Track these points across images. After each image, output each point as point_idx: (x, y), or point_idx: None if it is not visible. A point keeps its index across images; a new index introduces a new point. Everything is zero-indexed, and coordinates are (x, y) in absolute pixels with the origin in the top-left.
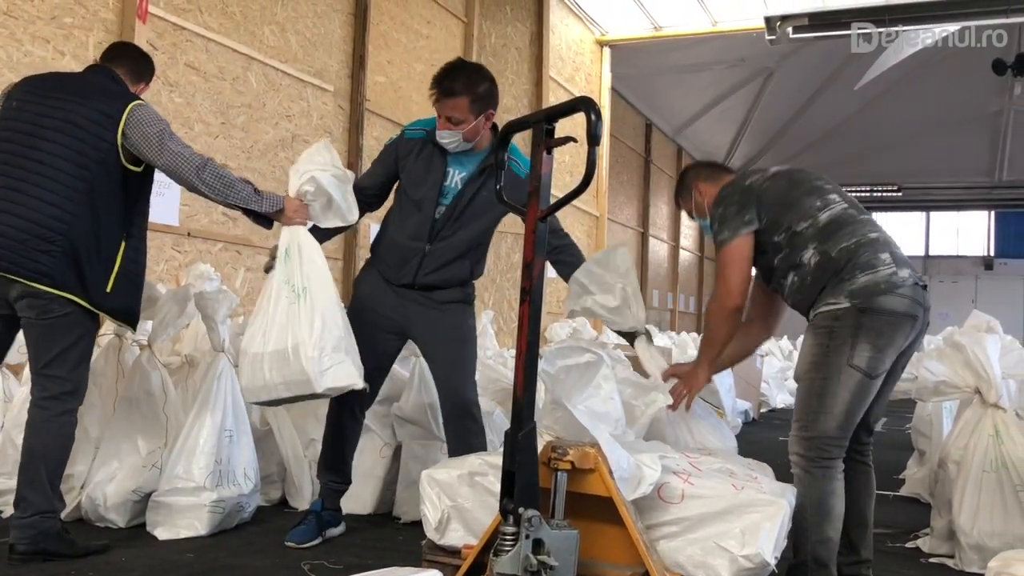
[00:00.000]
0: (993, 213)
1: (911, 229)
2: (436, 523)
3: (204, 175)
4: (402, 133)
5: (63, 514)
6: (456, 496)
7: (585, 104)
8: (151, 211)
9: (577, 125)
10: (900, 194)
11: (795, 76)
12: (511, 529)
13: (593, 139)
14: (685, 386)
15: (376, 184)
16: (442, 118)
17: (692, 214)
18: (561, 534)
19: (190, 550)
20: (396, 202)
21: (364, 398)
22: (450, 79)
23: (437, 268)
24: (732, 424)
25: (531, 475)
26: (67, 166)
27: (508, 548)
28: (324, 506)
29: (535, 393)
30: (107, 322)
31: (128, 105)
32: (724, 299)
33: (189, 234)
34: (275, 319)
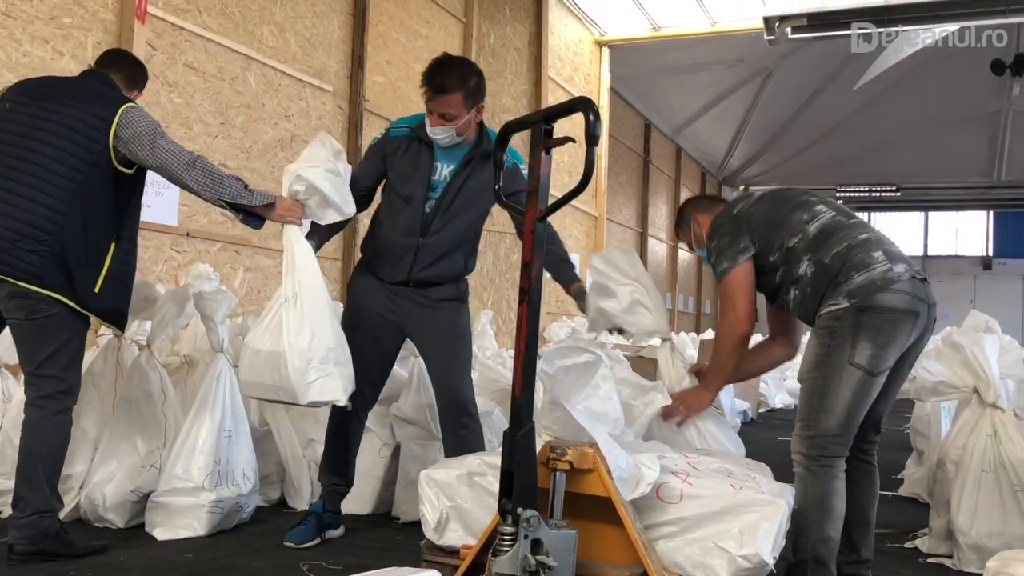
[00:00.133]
0: (992, 213)
1: (910, 229)
2: (435, 523)
3: (194, 172)
4: (387, 132)
5: (62, 514)
6: (455, 496)
7: (583, 104)
8: (150, 212)
9: (576, 125)
10: (899, 194)
11: (794, 76)
12: (510, 529)
13: (591, 139)
14: (687, 407)
15: (367, 182)
16: (434, 115)
17: (692, 246)
18: (560, 534)
19: (189, 550)
20: (385, 200)
21: (368, 400)
22: (442, 76)
23: (432, 262)
24: (731, 424)
25: (530, 475)
26: (61, 168)
27: (507, 548)
28: (325, 508)
29: (533, 393)
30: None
31: (121, 107)
32: (735, 326)
33: (188, 234)
34: (273, 320)
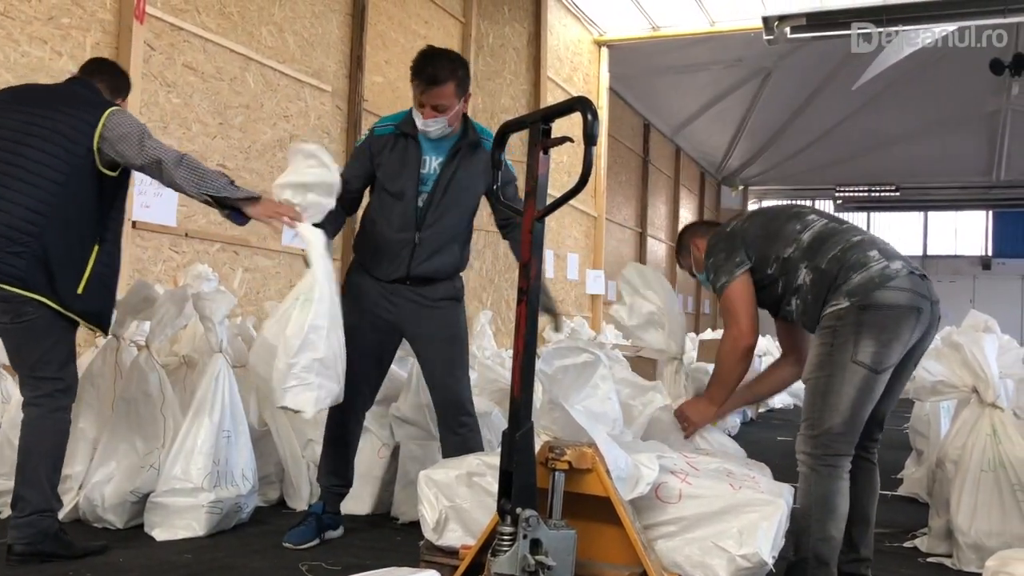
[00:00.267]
0: (991, 213)
1: (909, 229)
2: (434, 523)
3: (181, 169)
4: (371, 131)
5: (61, 515)
6: (454, 496)
7: (581, 104)
8: (149, 212)
9: (575, 125)
10: (898, 194)
11: (793, 76)
12: (509, 529)
13: (589, 139)
14: (690, 422)
15: (357, 184)
16: (427, 107)
17: (692, 271)
18: (559, 534)
19: (188, 551)
20: (375, 199)
21: (366, 400)
22: (433, 67)
23: (429, 257)
24: (731, 424)
25: (529, 475)
26: (49, 172)
27: (506, 548)
28: (325, 509)
29: (532, 393)
30: None
31: (107, 110)
32: (738, 339)
33: (187, 235)
34: (283, 314)
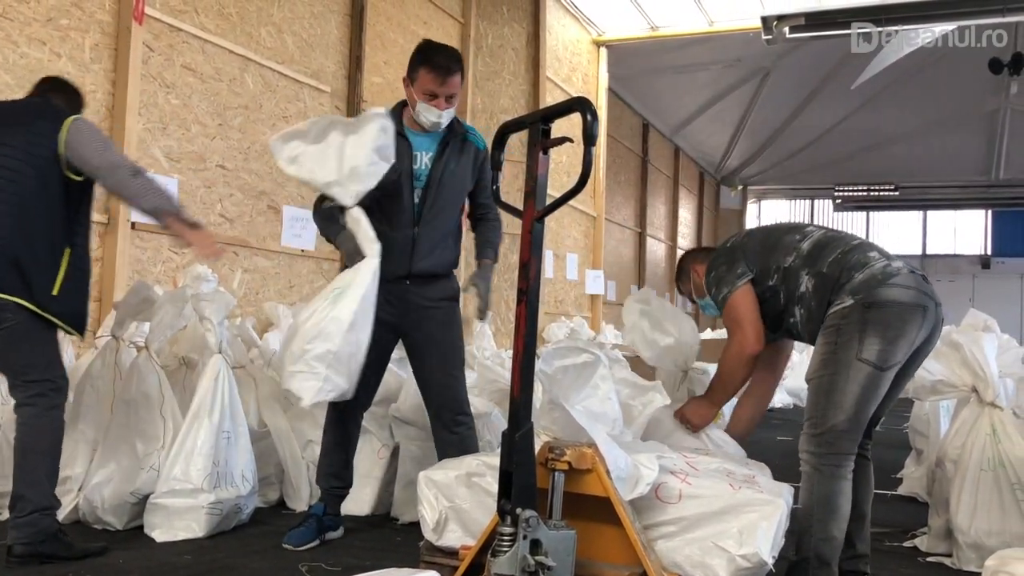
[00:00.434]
0: (990, 212)
1: (908, 228)
2: (434, 524)
3: (140, 178)
4: None
5: (61, 516)
6: (454, 497)
7: (580, 104)
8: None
9: (574, 125)
10: (897, 193)
11: (792, 76)
12: (509, 530)
13: (589, 139)
14: (690, 424)
15: None
16: (440, 98)
17: (692, 296)
18: (559, 534)
19: (188, 552)
20: (368, 198)
21: (364, 401)
22: (446, 58)
23: (429, 252)
24: None
25: (528, 475)
26: (18, 179)
27: (506, 549)
28: (326, 510)
29: (532, 393)
30: (103, 324)
31: (69, 118)
32: (744, 346)
33: None
34: (317, 301)
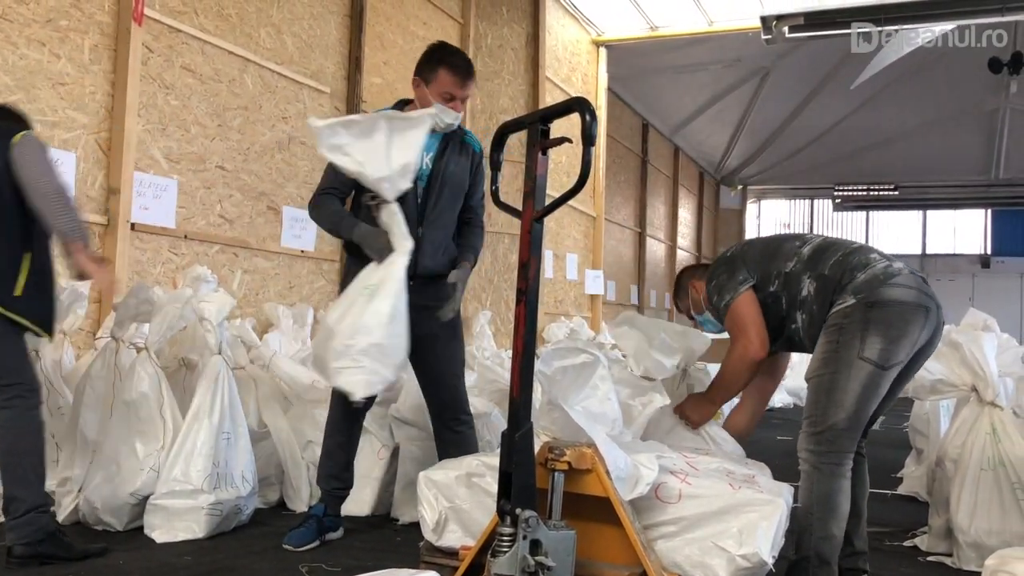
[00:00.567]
0: (990, 211)
1: (908, 228)
2: (434, 524)
3: (64, 200)
4: None
5: (61, 517)
6: (454, 497)
7: (579, 104)
8: (148, 214)
9: (573, 126)
10: (897, 193)
11: (791, 76)
12: (508, 530)
13: (588, 139)
14: (690, 420)
15: (351, 181)
16: (457, 100)
17: (691, 312)
18: (558, 535)
19: (188, 553)
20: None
21: (368, 403)
22: (464, 61)
23: (434, 251)
24: None
25: (528, 476)
26: None
27: (505, 549)
28: (326, 511)
29: (532, 394)
30: (103, 325)
31: (20, 132)
32: (748, 351)
33: (186, 236)
34: (345, 299)
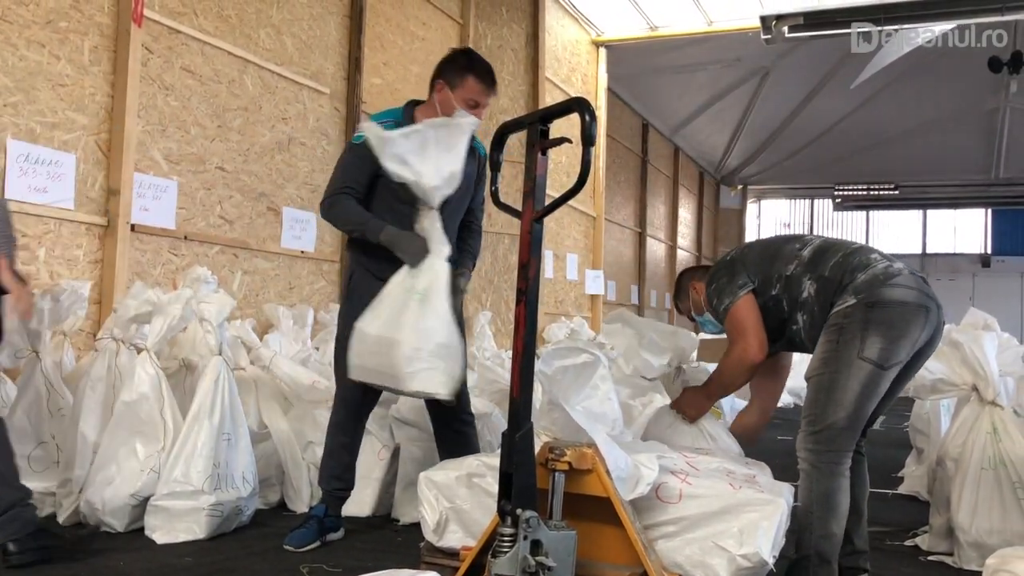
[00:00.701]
0: (990, 211)
1: (908, 227)
2: (434, 525)
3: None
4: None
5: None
6: (454, 498)
7: (579, 105)
8: (148, 215)
9: (573, 126)
10: (897, 192)
11: (791, 75)
12: (509, 530)
13: (587, 139)
14: (686, 414)
15: (366, 182)
16: (480, 107)
17: (691, 314)
18: (559, 535)
19: (188, 554)
20: (378, 199)
21: (369, 403)
22: (491, 70)
23: None
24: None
25: (528, 476)
26: None
27: (506, 549)
28: (327, 512)
29: (532, 394)
30: (103, 326)
31: None
32: (747, 354)
33: (186, 237)
34: (390, 306)
